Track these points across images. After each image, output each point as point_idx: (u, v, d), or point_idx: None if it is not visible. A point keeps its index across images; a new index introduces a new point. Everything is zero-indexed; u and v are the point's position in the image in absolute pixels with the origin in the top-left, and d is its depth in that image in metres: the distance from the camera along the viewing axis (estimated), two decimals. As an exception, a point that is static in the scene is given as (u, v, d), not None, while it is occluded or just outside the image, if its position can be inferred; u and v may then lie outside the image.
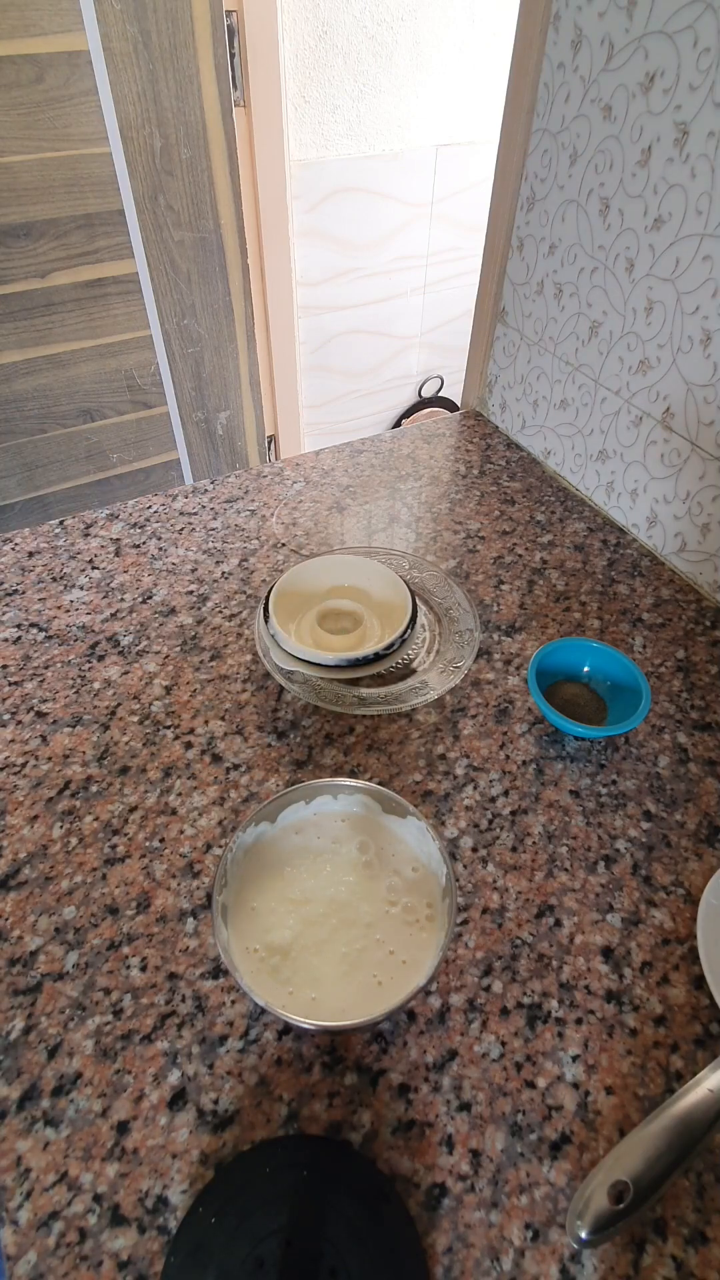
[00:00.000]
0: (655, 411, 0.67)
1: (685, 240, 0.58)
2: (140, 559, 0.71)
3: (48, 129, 1.15)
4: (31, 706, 0.57)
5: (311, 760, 0.55)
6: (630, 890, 0.48)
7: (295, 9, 1.29)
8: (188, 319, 1.47)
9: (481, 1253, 0.35)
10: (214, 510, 0.77)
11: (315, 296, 1.67)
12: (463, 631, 0.62)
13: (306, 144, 1.45)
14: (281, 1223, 0.34)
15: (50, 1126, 0.38)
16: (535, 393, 0.81)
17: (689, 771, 0.55)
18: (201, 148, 1.28)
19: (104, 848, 0.49)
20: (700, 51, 0.52)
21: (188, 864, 0.49)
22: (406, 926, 0.42)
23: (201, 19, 1.16)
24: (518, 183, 0.73)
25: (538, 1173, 0.38)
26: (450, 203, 1.69)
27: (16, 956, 0.44)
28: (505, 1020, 0.43)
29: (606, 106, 0.60)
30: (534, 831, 0.51)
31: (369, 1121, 0.39)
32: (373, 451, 0.86)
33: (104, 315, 1.39)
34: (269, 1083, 0.40)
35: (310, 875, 0.44)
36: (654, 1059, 0.41)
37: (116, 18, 1.10)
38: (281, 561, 0.71)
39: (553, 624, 0.66)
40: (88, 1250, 0.35)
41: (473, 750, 0.56)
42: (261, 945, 0.41)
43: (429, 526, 0.76)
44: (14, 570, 0.69)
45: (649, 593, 0.69)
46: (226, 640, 0.63)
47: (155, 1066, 0.40)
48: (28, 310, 1.31)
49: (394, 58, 1.43)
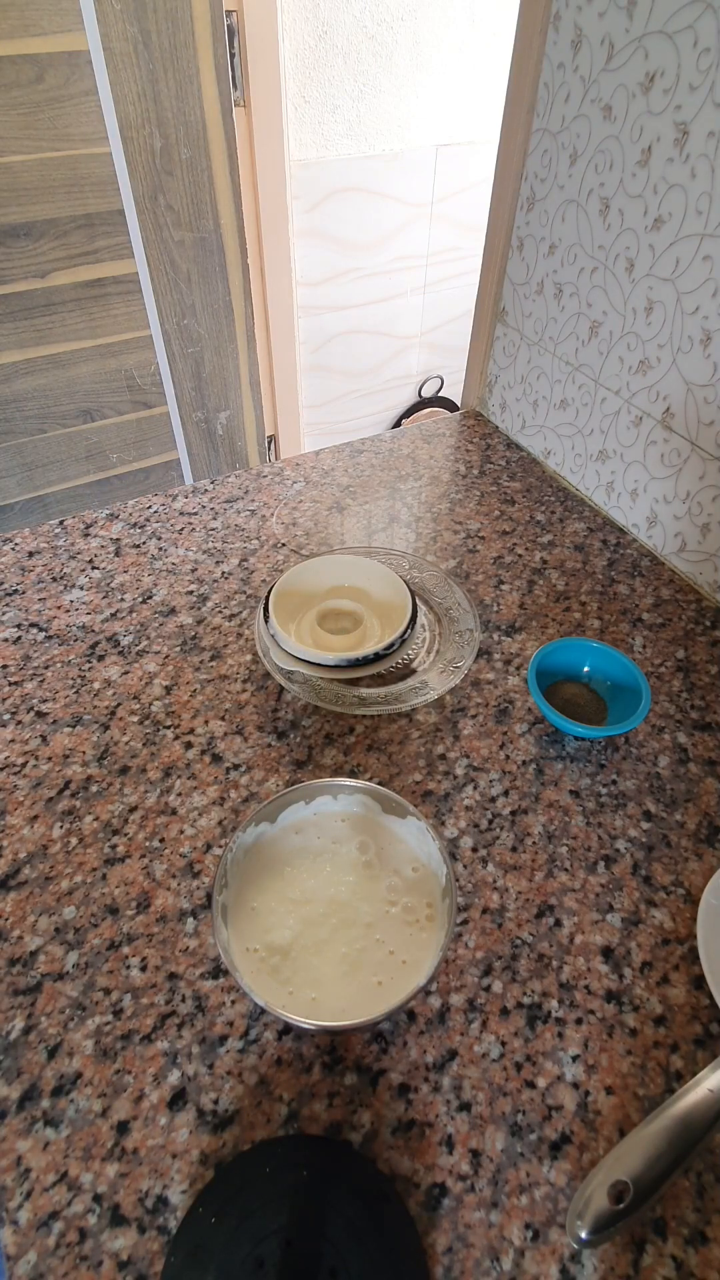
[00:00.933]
0: (655, 411, 0.67)
1: (685, 240, 0.58)
2: (140, 559, 0.71)
3: (48, 129, 1.15)
4: (31, 706, 0.57)
5: (311, 760, 0.55)
6: (630, 890, 0.48)
7: (295, 9, 1.29)
8: (188, 319, 1.47)
9: (481, 1253, 0.35)
10: (214, 510, 0.77)
11: (315, 296, 1.67)
12: (463, 631, 0.62)
13: (306, 144, 1.45)
14: (281, 1223, 0.34)
15: (50, 1126, 0.38)
16: (535, 393, 0.81)
17: (689, 771, 0.55)
18: (201, 148, 1.28)
19: (104, 848, 0.49)
20: (700, 51, 0.52)
21: (188, 864, 0.49)
22: (406, 926, 0.42)
23: (201, 19, 1.16)
24: (518, 183, 0.73)
25: (538, 1173, 0.38)
26: (450, 203, 1.69)
27: (16, 956, 0.44)
28: (505, 1020, 0.43)
29: (606, 106, 0.60)
30: (534, 831, 0.51)
31: (369, 1121, 0.39)
32: (373, 451, 0.86)
33: (104, 315, 1.39)
34: (269, 1083, 0.40)
35: (310, 875, 0.44)
36: (654, 1059, 0.41)
37: (116, 18, 1.10)
38: (281, 561, 0.71)
39: (553, 624, 0.66)
40: (88, 1250, 0.35)
41: (473, 750, 0.56)
42: (261, 945, 0.41)
43: (429, 526, 0.76)
44: (14, 570, 0.69)
45: (649, 593, 0.69)
46: (226, 640, 0.63)
47: (155, 1066, 0.40)
48: (28, 310, 1.31)
49: (394, 58, 1.43)
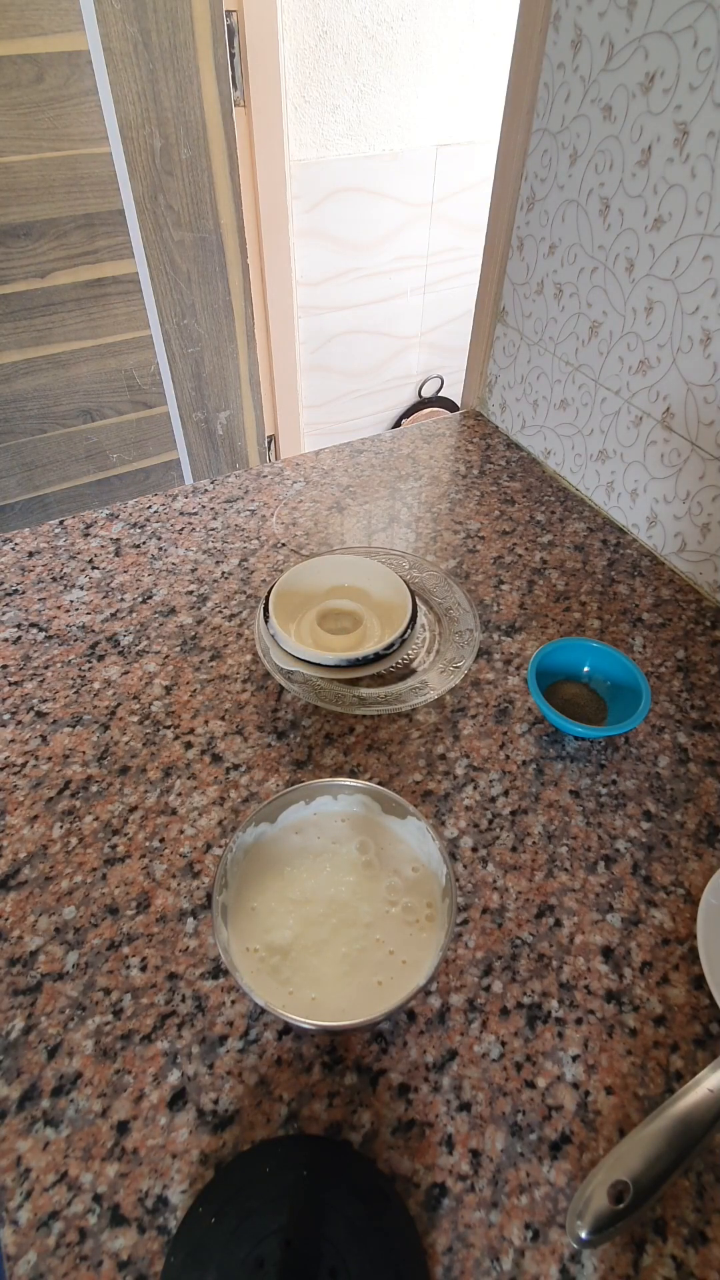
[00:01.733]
0: (655, 411, 0.67)
1: (685, 240, 0.58)
2: (140, 559, 0.71)
3: (48, 129, 1.15)
4: (31, 706, 0.57)
5: (311, 760, 0.55)
6: (630, 890, 0.48)
7: (295, 9, 1.29)
8: (188, 319, 1.47)
9: (481, 1253, 0.35)
10: (214, 510, 0.77)
11: (315, 296, 1.67)
12: (463, 631, 0.62)
13: (306, 144, 1.45)
14: (281, 1223, 0.34)
15: (50, 1126, 0.38)
16: (535, 393, 0.81)
17: (689, 771, 0.55)
18: (201, 148, 1.28)
19: (104, 848, 0.49)
20: (700, 51, 0.52)
21: (188, 864, 0.49)
22: (406, 926, 0.42)
23: (201, 19, 1.16)
24: (518, 183, 0.73)
25: (538, 1173, 0.38)
26: (450, 203, 1.69)
27: (16, 956, 0.44)
28: (505, 1020, 0.43)
29: (606, 106, 0.60)
30: (534, 831, 0.51)
31: (369, 1121, 0.39)
32: (373, 451, 0.86)
33: (104, 315, 1.39)
34: (269, 1083, 0.40)
35: (310, 875, 0.44)
36: (654, 1059, 0.41)
37: (116, 18, 1.10)
38: (281, 561, 0.71)
39: (553, 624, 0.66)
40: (88, 1250, 0.35)
41: (473, 750, 0.56)
42: (261, 945, 0.41)
43: (429, 526, 0.76)
44: (14, 570, 0.69)
45: (649, 593, 0.69)
46: (226, 640, 0.63)
47: (155, 1066, 0.40)
48: (28, 310, 1.31)
49: (394, 58, 1.43)
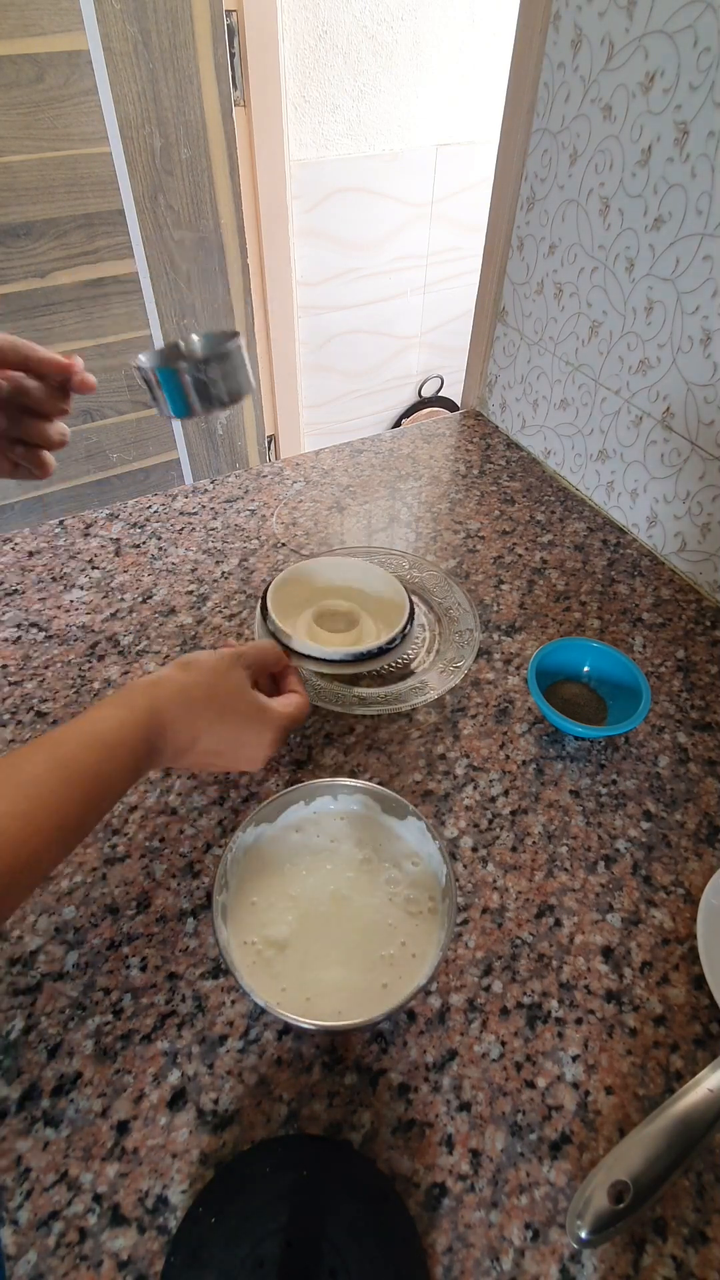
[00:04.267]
0: (655, 411, 0.67)
1: (685, 240, 0.58)
2: (140, 559, 0.71)
3: (48, 129, 1.15)
4: (31, 706, 0.57)
5: (311, 760, 0.55)
6: (630, 890, 0.48)
7: (295, 9, 1.29)
8: (188, 319, 1.47)
9: (481, 1253, 0.35)
10: (214, 510, 0.77)
11: (315, 296, 1.67)
12: (463, 631, 0.62)
13: (306, 144, 1.45)
14: (281, 1223, 0.34)
15: (50, 1126, 0.38)
16: (535, 392, 0.81)
17: (689, 771, 0.55)
18: (201, 148, 1.28)
19: (104, 848, 0.49)
20: (700, 51, 0.52)
21: (188, 864, 0.49)
22: (407, 927, 0.42)
23: (201, 19, 1.16)
24: (518, 183, 0.73)
25: (538, 1173, 0.38)
26: (450, 203, 1.69)
27: (16, 956, 0.44)
28: (505, 1020, 0.43)
29: (606, 106, 0.60)
30: (534, 831, 0.51)
31: (369, 1121, 0.39)
32: (373, 451, 0.86)
33: (104, 315, 1.38)
34: (269, 1083, 0.40)
35: (310, 873, 0.44)
36: (654, 1059, 0.41)
37: (116, 18, 1.10)
38: (281, 561, 0.71)
39: (553, 624, 0.66)
40: (88, 1250, 0.35)
41: (473, 750, 0.56)
42: (259, 938, 0.41)
43: (429, 526, 0.76)
44: (14, 570, 0.69)
45: (649, 592, 0.69)
46: (226, 640, 0.63)
47: (155, 1066, 0.40)
48: (28, 310, 1.31)
49: (394, 58, 1.43)
